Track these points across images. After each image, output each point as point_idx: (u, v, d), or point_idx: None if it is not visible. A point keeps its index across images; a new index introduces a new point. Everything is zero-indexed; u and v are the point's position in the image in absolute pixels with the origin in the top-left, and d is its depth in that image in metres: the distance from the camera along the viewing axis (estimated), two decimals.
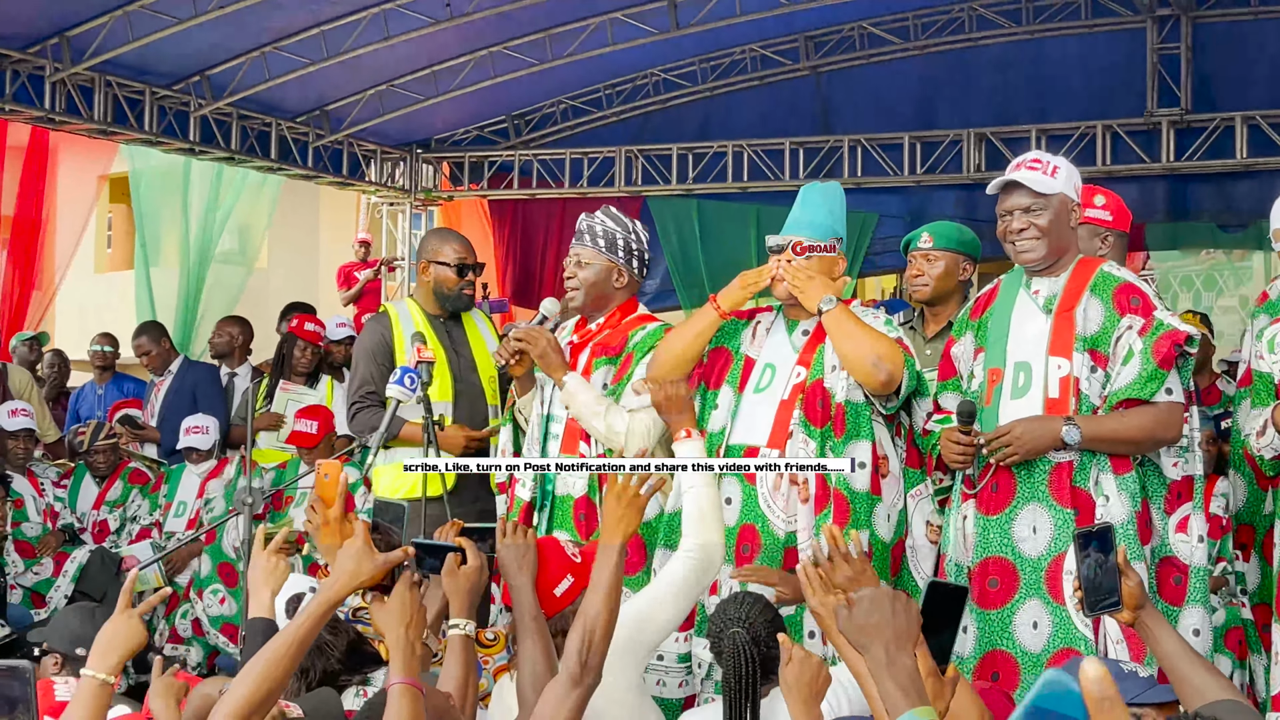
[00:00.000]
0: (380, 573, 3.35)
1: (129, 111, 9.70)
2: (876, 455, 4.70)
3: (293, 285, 14.32)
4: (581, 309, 5.24)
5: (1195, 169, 10.08)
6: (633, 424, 4.92)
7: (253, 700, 3.11)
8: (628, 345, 5.10)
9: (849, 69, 11.18)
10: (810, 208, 4.90)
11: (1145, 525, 4.34)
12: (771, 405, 4.78)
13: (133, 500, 8.27)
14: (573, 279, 5.18)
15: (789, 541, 4.65)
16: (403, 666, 3.18)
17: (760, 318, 5.04)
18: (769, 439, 4.75)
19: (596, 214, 5.25)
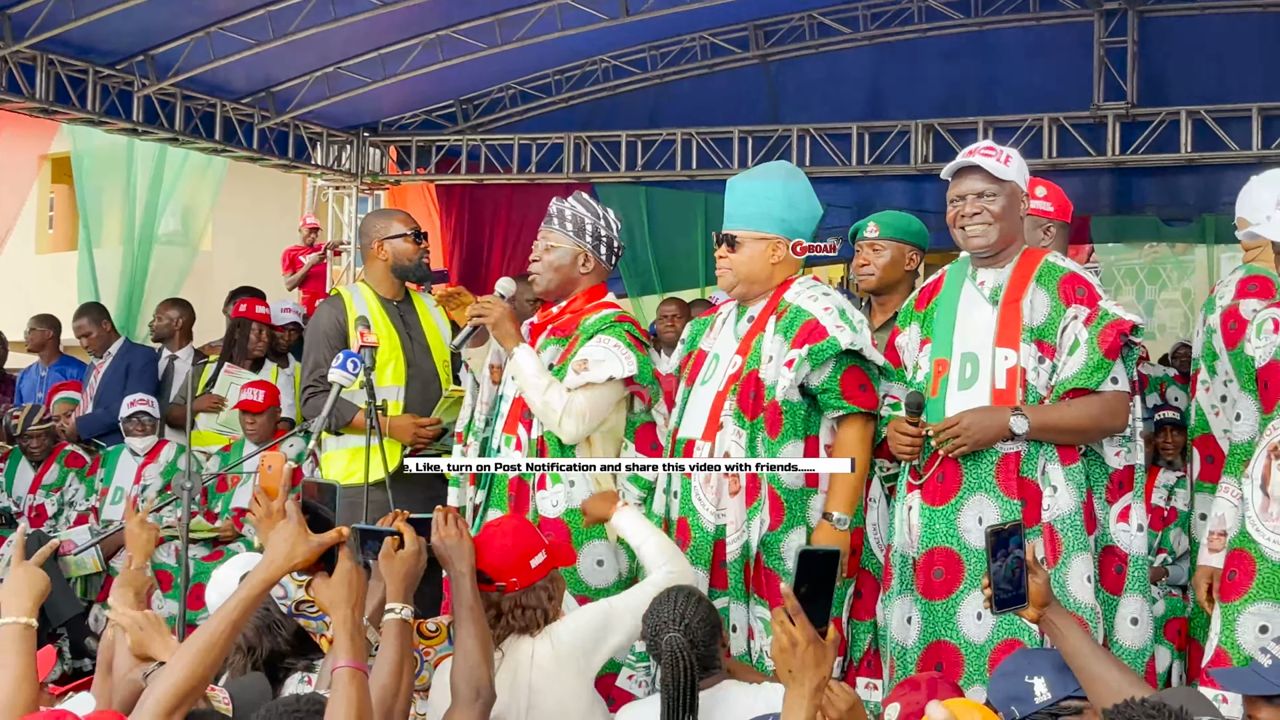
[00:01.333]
0: (314, 554, 3.35)
1: (71, 91, 9.55)
2: (820, 445, 4.71)
3: (237, 268, 14.19)
4: (545, 291, 5.19)
5: (1140, 162, 10.13)
6: (570, 403, 4.90)
7: (186, 684, 3.08)
8: (578, 327, 5.08)
9: (798, 58, 11.16)
10: (736, 199, 4.90)
11: (1090, 516, 4.36)
12: (710, 396, 4.78)
13: (69, 484, 8.18)
14: (537, 261, 5.15)
15: (719, 535, 4.65)
16: (348, 648, 3.16)
17: (723, 309, 5.06)
18: (703, 431, 4.75)
19: (569, 199, 5.22)
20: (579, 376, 4.90)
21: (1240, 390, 4.58)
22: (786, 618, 2.80)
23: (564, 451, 4.95)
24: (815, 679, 2.79)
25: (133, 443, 8.11)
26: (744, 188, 4.91)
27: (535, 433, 5.00)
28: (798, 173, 5.04)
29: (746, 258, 4.82)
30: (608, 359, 4.92)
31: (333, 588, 3.28)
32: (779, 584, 4.51)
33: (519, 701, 3.98)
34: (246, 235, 17.09)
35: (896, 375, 4.72)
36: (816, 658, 2.76)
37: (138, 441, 8.10)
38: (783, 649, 2.78)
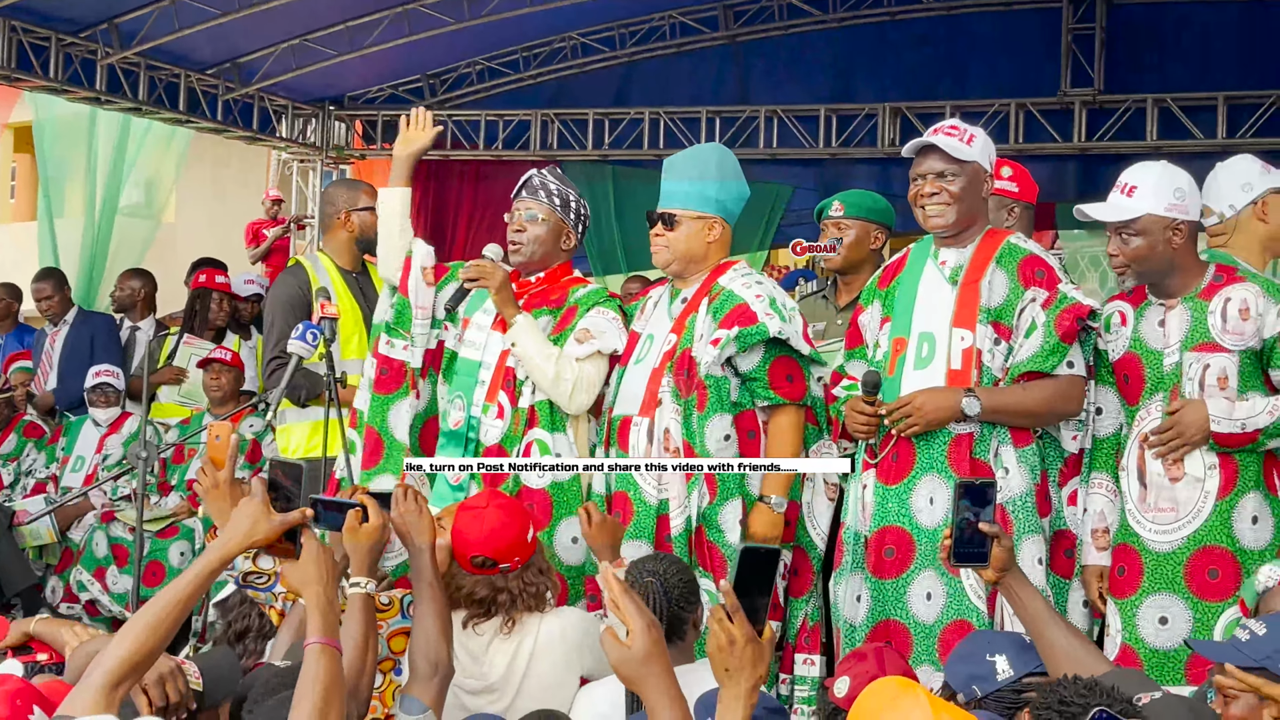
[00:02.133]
0: (276, 533, 3.31)
1: (34, 58, 9.44)
2: (759, 419, 4.71)
3: (200, 240, 14.09)
4: (525, 264, 5.14)
5: (1107, 149, 10.15)
6: (581, 374, 4.90)
7: (134, 657, 3.04)
8: (569, 299, 5.07)
9: (767, 39, 11.13)
10: (673, 178, 4.91)
11: (1044, 498, 4.38)
12: (645, 374, 4.79)
13: (27, 454, 8.12)
14: (522, 232, 5.09)
15: (661, 509, 4.67)
16: (320, 625, 3.14)
17: (653, 293, 5.07)
18: (640, 407, 4.76)
19: (544, 171, 5.20)
20: (583, 346, 4.91)
21: (1100, 385, 4.57)
22: (725, 615, 2.78)
23: (555, 420, 4.94)
24: (752, 678, 2.76)
25: (96, 413, 8.06)
26: (681, 167, 4.93)
27: (524, 402, 4.96)
28: (728, 154, 5.07)
29: (684, 236, 4.86)
30: (609, 331, 4.97)
31: (301, 568, 3.25)
32: (720, 555, 4.53)
33: (517, 670, 4.03)
34: (210, 207, 17.00)
35: (858, 353, 4.73)
36: (754, 656, 2.74)
37: (101, 412, 8.05)
38: (720, 647, 2.76)
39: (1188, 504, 4.25)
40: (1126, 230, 4.33)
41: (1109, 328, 4.49)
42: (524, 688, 3.99)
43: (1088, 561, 4.50)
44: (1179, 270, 4.34)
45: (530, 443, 4.94)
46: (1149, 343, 4.38)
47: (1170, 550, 4.26)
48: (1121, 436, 4.46)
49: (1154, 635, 4.26)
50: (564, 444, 4.94)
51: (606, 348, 4.94)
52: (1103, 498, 4.49)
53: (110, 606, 7.34)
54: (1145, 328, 4.40)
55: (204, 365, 7.70)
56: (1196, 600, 4.22)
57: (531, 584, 4.09)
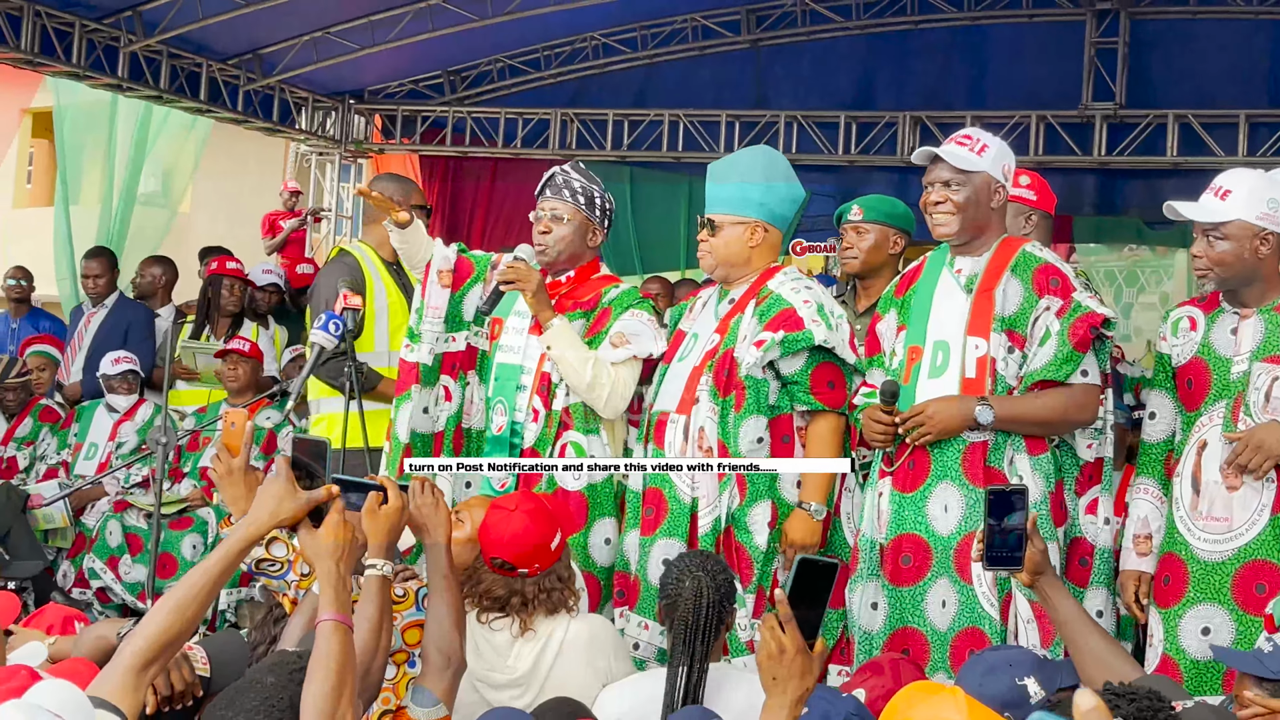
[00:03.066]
0: (303, 511, 3.31)
1: (57, 43, 9.47)
2: (793, 427, 4.73)
3: (216, 230, 14.10)
4: (552, 264, 5.11)
5: (1126, 164, 10.15)
6: (616, 380, 4.91)
7: (163, 638, 3.05)
8: (602, 300, 5.07)
9: (789, 44, 11.14)
10: (717, 183, 4.91)
11: (1059, 507, 4.37)
12: (686, 372, 4.80)
13: (42, 438, 8.13)
14: (548, 233, 5.07)
15: (694, 507, 4.67)
16: (333, 601, 3.12)
17: (703, 293, 5.09)
18: (678, 404, 4.76)
19: (566, 168, 5.18)
20: (619, 351, 4.91)
21: (1155, 389, 4.57)
22: (777, 623, 2.78)
23: (589, 423, 4.94)
24: (798, 689, 2.76)
25: (115, 400, 8.05)
26: (724, 172, 4.94)
27: (558, 404, 4.97)
28: (777, 156, 5.06)
29: (724, 242, 4.86)
30: (643, 334, 4.97)
31: (318, 539, 3.23)
32: (747, 556, 4.53)
33: (541, 669, 4.04)
34: (226, 198, 17.01)
35: (876, 361, 4.73)
36: (803, 668, 2.74)
37: (121, 399, 8.04)
38: (770, 655, 2.76)
39: (1242, 515, 4.25)
40: (1215, 233, 4.31)
41: (1176, 332, 4.49)
42: (547, 685, 4.00)
43: (1126, 566, 4.50)
44: (1260, 280, 4.33)
45: (565, 445, 4.95)
46: (1218, 350, 4.37)
47: (1220, 560, 4.25)
48: (1175, 442, 4.45)
49: (1195, 646, 4.25)
50: (598, 446, 4.95)
51: (641, 352, 4.94)
52: (1148, 503, 4.50)
53: (122, 595, 7.35)
54: (1216, 335, 4.39)
55: (222, 355, 7.70)
56: (1241, 613, 4.22)
57: (547, 590, 4.11)
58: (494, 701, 4.00)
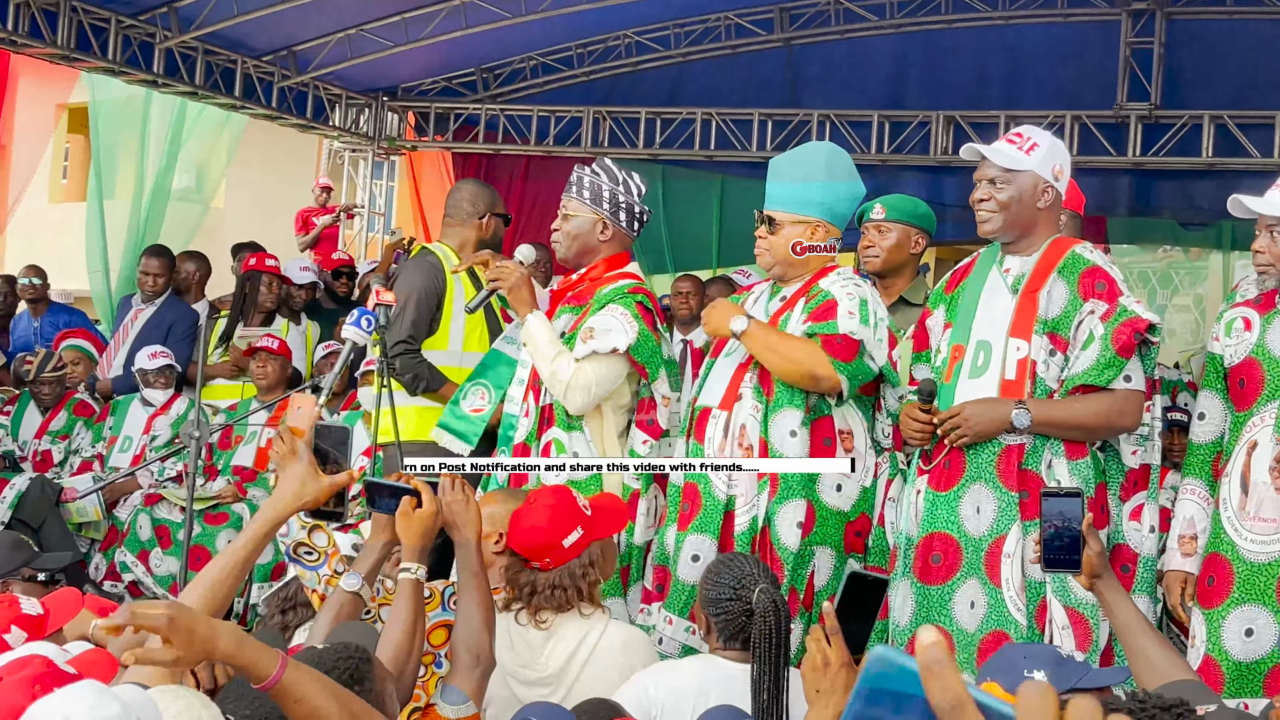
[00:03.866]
0: (325, 494, 3.38)
1: (93, 39, 9.53)
2: (835, 429, 4.70)
3: (248, 226, 14.13)
4: (564, 259, 5.24)
5: (1160, 165, 10.10)
6: (576, 375, 4.89)
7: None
8: (593, 296, 5.08)
9: (822, 43, 11.12)
10: (778, 179, 4.88)
11: (1100, 511, 4.34)
12: (731, 368, 4.79)
13: (77, 432, 8.18)
14: (557, 230, 5.17)
15: (729, 505, 4.65)
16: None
17: (757, 289, 5.06)
18: (720, 400, 4.76)
19: (590, 165, 5.21)
20: (584, 346, 4.89)
21: (1205, 389, 4.54)
22: (823, 635, 2.76)
23: (570, 420, 4.95)
24: (841, 703, 2.75)
25: (150, 394, 8.09)
26: (786, 169, 4.89)
27: (544, 400, 5.01)
28: (840, 153, 4.97)
29: (783, 240, 4.82)
30: (614, 329, 4.92)
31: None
32: (778, 558, 4.52)
33: (571, 670, 4.04)
34: (259, 194, 17.06)
35: (923, 357, 4.71)
36: (847, 682, 2.73)
37: (157, 394, 8.08)
38: (814, 667, 2.75)
39: None
40: (1278, 229, 4.28)
41: (1230, 332, 4.45)
42: (577, 686, 3.99)
43: (1170, 567, 4.47)
44: None
45: (549, 442, 4.97)
46: (1273, 350, 4.33)
47: (1267, 561, 4.22)
48: (1225, 443, 4.42)
49: (1239, 647, 4.22)
50: (580, 443, 4.93)
51: (604, 346, 4.86)
52: (1194, 504, 4.47)
53: (153, 588, 7.38)
54: (1272, 335, 4.35)
55: (250, 353, 7.73)
56: None
57: (557, 587, 4.11)
58: (524, 697, 4.00)
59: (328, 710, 2.79)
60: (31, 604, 3.99)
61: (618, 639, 4.11)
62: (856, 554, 4.74)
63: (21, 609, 3.93)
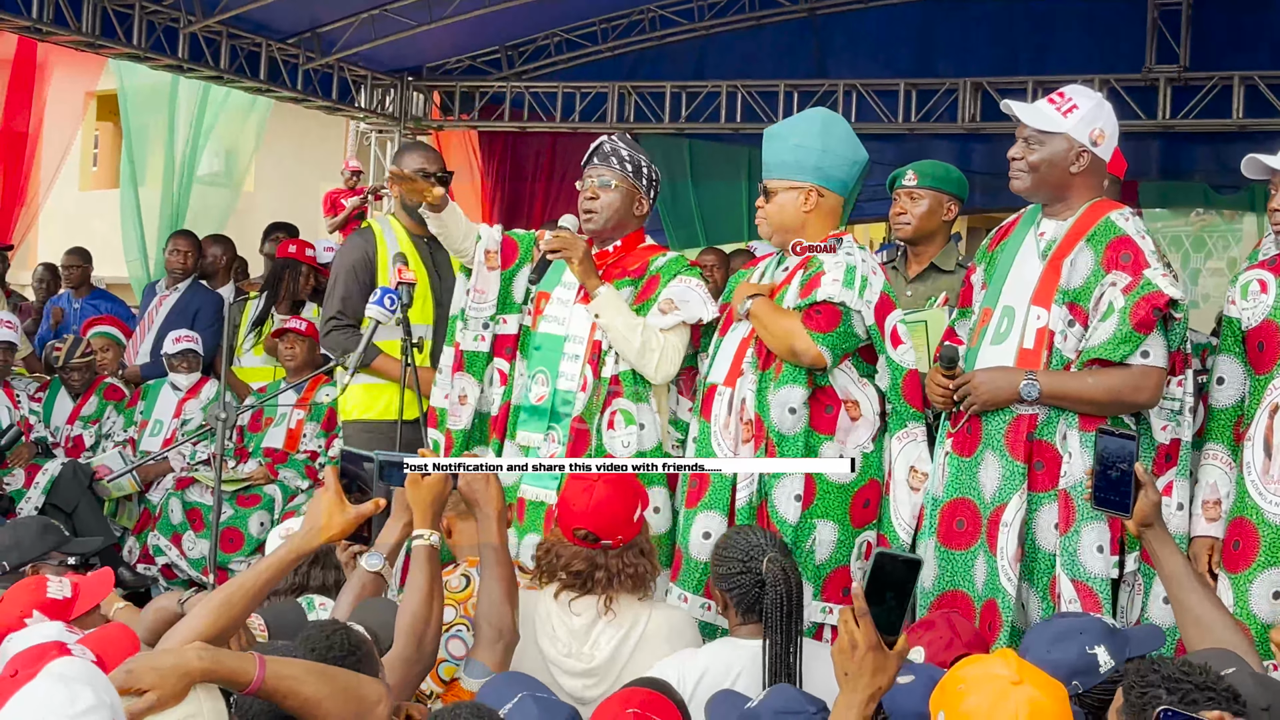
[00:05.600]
0: (351, 525, 3.42)
1: (118, 25, 9.55)
2: (840, 398, 4.67)
3: (278, 209, 14.19)
4: (598, 231, 5.09)
5: (1191, 127, 10.02)
6: (666, 345, 4.89)
7: (207, 633, 3.10)
8: (650, 268, 5.04)
9: (847, 12, 11.07)
10: (772, 148, 4.86)
11: None
12: (736, 344, 4.77)
13: (108, 416, 8.23)
14: (595, 199, 5.05)
15: (734, 480, 4.63)
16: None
17: (762, 263, 5.04)
18: (725, 377, 4.74)
19: (614, 138, 5.15)
20: (668, 317, 4.89)
21: (1223, 354, 4.48)
22: (852, 618, 2.74)
23: (640, 388, 4.92)
24: (870, 687, 2.73)
25: (176, 378, 8.14)
26: (779, 136, 4.87)
27: (607, 371, 4.94)
28: (836, 119, 4.94)
29: (778, 207, 4.80)
30: (693, 300, 4.93)
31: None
32: (774, 530, 4.49)
33: (620, 659, 4.00)
34: (288, 176, 17.13)
35: (965, 314, 4.68)
36: (875, 664, 2.71)
37: (182, 378, 8.12)
38: (841, 649, 2.73)
39: None
40: None
41: (1246, 295, 4.39)
42: (624, 675, 3.93)
43: (1196, 533, 4.39)
44: None
45: (614, 412, 4.92)
46: None
47: None
48: (1245, 406, 4.37)
49: (1266, 609, 4.17)
50: (648, 414, 4.93)
51: (690, 317, 4.91)
52: (1217, 469, 4.40)
53: (188, 570, 7.42)
54: None
55: (279, 335, 7.75)
56: None
57: (631, 565, 4.04)
58: (565, 688, 3.96)
59: (317, 694, 2.83)
60: (61, 585, 4.01)
61: (664, 624, 4.06)
62: (871, 524, 4.69)
63: (48, 592, 3.95)
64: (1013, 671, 2.46)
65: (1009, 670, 2.47)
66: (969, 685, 2.48)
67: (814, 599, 4.53)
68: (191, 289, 8.90)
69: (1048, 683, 2.52)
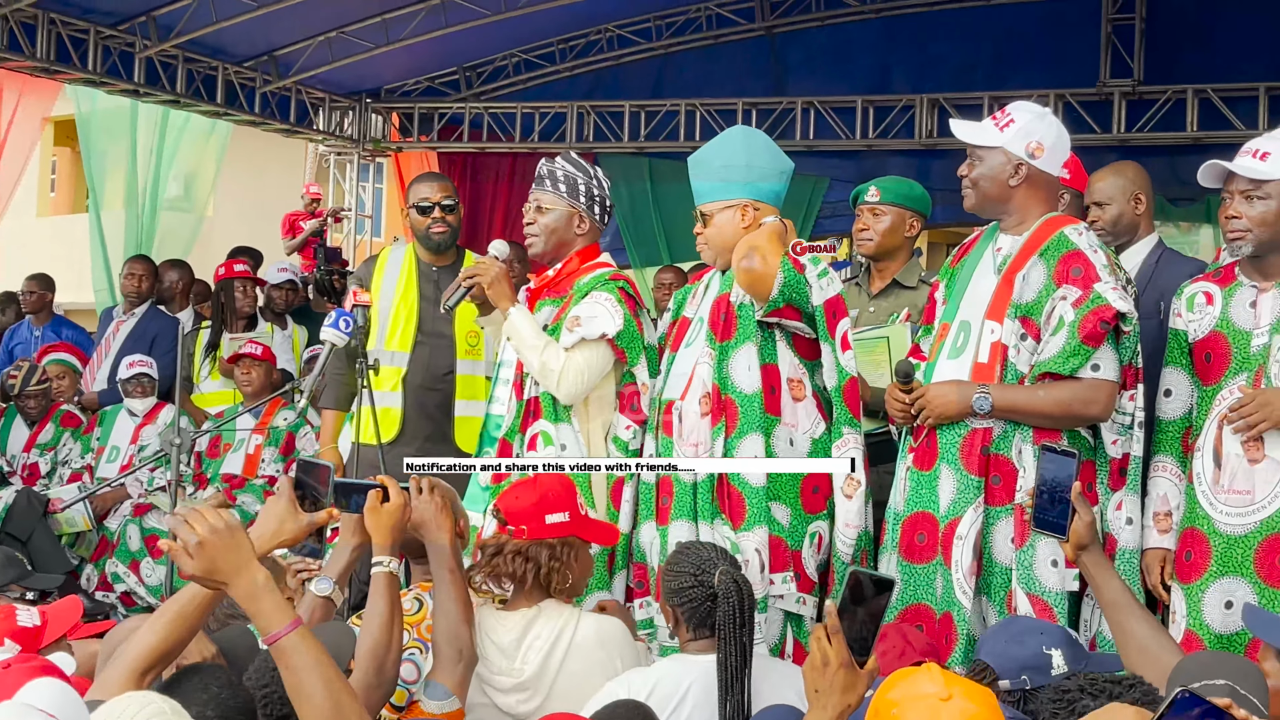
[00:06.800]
0: (304, 532, 3.43)
1: (73, 50, 9.53)
2: (782, 375, 4.66)
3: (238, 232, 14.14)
4: (540, 254, 5.11)
5: (1146, 140, 10.06)
6: (568, 363, 4.85)
7: (162, 646, 3.08)
8: (573, 288, 5.04)
9: (804, 30, 11.11)
10: (699, 173, 4.87)
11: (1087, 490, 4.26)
12: (692, 358, 4.76)
13: (64, 444, 8.17)
14: (532, 224, 5.07)
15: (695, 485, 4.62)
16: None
17: (706, 277, 5.02)
18: (682, 392, 4.73)
19: (556, 159, 5.15)
20: (572, 334, 4.85)
21: (1170, 366, 4.51)
22: (824, 635, 2.74)
23: (557, 412, 4.91)
24: (840, 705, 2.72)
25: (131, 404, 8.10)
26: (704, 160, 4.88)
27: (528, 393, 4.96)
28: (754, 133, 5.01)
29: (717, 229, 4.81)
30: (599, 315, 4.88)
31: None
32: (738, 496, 4.48)
33: (549, 670, 3.98)
34: (248, 200, 17.06)
35: (927, 330, 4.69)
36: (846, 682, 2.71)
37: (137, 403, 8.08)
38: (813, 666, 2.73)
39: (1265, 488, 4.19)
40: (1256, 193, 4.25)
41: (1192, 307, 4.43)
42: (556, 687, 3.93)
43: (1148, 545, 4.42)
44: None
45: (535, 435, 4.92)
46: (1237, 323, 4.32)
47: (1243, 534, 4.20)
48: (1193, 418, 4.41)
49: (1219, 620, 4.21)
50: (568, 433, 4.89)
51: (592, 333, 4.83)
52: (1166, 481, 4.45)
53: (146, 597, 7.38)
54: (1234, 308, 4.34)
55: (234, 360, 7.72)
56: (1264, 586, 4.16)
57: (522, 554, 4.00)
58: (501, 705, 3.95)
59: (312, 689, 2.82)
60: (30, 614, 3.97)
61: (591, 633, 4.04)
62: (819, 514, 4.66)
63: (17, 620, 3.91)
64: (941, 687, 2.45)
65: (937, 686, 2.46)
66: (901, 708, 2.48)
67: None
68: (149, 314, 8.86)
69: (975, 691, 2.52)
